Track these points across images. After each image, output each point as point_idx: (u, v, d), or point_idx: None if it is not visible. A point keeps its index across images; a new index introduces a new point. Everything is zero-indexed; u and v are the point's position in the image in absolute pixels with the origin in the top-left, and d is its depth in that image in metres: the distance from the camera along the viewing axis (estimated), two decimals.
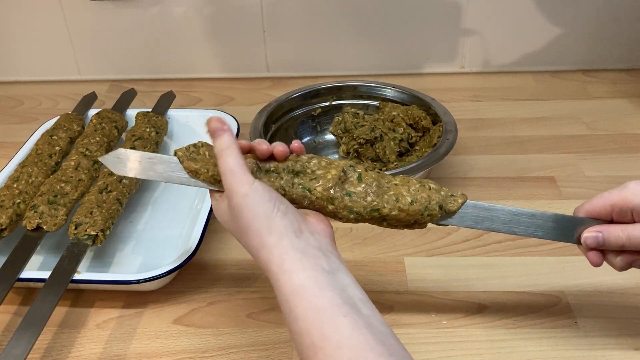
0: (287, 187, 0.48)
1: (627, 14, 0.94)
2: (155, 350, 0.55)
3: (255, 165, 0.48)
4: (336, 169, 0.49)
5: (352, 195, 0.48)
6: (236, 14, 0.96)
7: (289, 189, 0.48)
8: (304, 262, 0.41)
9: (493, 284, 0.61)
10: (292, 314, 0.40)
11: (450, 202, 0.50)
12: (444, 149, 0.69)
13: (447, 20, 0.95)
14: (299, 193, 0.48)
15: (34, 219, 0.61)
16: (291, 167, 0.49)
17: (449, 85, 0.98)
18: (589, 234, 0.47)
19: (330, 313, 0.39)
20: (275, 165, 0.48)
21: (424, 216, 0.49)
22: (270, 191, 0.44)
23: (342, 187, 0.48)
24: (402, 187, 0.49)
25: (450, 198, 0.50)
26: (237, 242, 0.46)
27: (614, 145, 0.81)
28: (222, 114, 0.81)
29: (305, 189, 0.48)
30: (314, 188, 0.48)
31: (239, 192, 0.44)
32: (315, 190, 0.48)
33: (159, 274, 0.57)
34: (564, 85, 0.96)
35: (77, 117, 0.79)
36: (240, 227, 0.44)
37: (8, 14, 0.98)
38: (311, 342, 0.38)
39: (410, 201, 0.48)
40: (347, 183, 0.49)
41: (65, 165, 0.69)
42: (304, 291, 0.40)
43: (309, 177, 0.49)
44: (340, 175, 0.48)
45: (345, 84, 0.84)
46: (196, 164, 0.48)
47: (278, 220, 0.43)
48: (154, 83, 1.00)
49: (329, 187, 0.48)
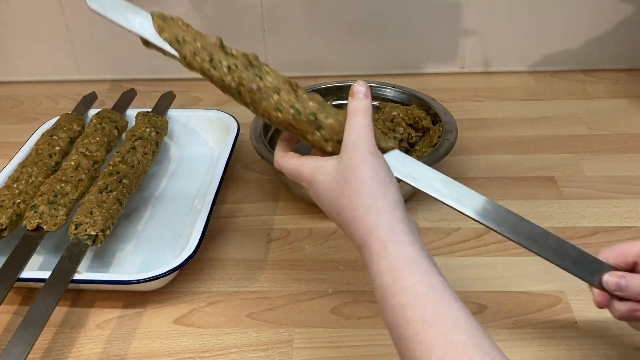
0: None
1: (627, 14, 0.94)
2: (155, 350, 0.55)
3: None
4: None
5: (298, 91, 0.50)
6: (236, 14, 0.96)
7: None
8: (413, 238, 0.41)
9: (493, 284, 0.61)
10: (397, 285, 0.38)
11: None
12: (444, 149, 0.69)
13: (447, 20, 0.95)
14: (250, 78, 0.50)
15: (34, 219, 0.61)
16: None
17: (449, 85, 0.98)
18: (612, 278, 0.47)
19: (444, 293, 0.38)
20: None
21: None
22: (388, 165, 0.45)
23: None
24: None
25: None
26: (237, 242, 0.46)
27: (614, 145, 0.81)
28: (222, 114, 0.81)
29: (257, 76, 0.51)
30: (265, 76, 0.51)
31: (366, 150, 0.44)
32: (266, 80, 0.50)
33: (159, 274, 0.57)
34: (564, 85, 0.96)
35: (77, 117, 0.79)
36: (349, 186, 0.43)
37: (8, 14, 0.98)
38: (422, 316, 0.37)
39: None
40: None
41: (65, 165, 0.69)
42: (418, 265, 0.39)
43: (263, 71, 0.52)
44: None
45: (345, 84, 0.84)
46: (165, 22, 0.52)
47: (394, 190, 0.43)
48: (154, 83, 1.00)
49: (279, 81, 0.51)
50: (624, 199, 0.71)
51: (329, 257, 0.65)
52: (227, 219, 0.71)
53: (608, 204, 0.70)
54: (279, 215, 0.71)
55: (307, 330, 0.57)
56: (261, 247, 0.67)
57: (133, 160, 0.70)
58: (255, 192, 0.75)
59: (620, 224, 0.67)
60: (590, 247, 0.64)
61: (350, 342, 0.55)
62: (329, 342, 0.55)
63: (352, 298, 0.60)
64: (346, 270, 0.63)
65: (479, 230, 0.67)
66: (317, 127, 0.48)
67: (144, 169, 0.72)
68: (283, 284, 0.62)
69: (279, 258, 0.65)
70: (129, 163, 0.70)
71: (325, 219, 0.70)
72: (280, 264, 0.64)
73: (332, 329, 0.57)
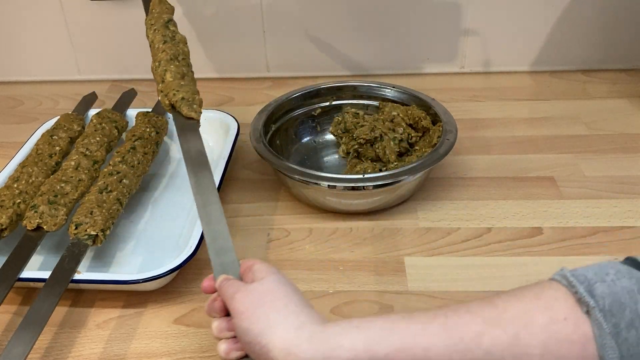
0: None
1: (627, 14, 0.94)
2: (155, 350, 0.56)
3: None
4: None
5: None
6: (236, 14, 0.96)
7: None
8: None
9: (493, 284, 0.61)
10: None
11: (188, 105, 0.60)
12: (444, 149, 0.69)
13: (447, 20, 0.95)
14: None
15: (34, 219, 0.61)
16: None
17: (449, 85, 0.98)
18: (210, 282, 0.47)
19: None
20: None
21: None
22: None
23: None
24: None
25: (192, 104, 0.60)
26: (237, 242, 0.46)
27: (614, 145, 0.81)
28: (222, 114, 0.81)
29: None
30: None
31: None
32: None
33: (159, 274, 0.57)
34: (563, 85, 0.96)
35: (77, 117, 0.79)
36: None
37: (8, 14, 0.98)
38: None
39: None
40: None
41: (66, 165, 0.69)
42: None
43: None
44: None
45: (345, 84, 0.84)
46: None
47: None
48: (154, 83, 1.00)
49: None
50: (624, 199, 0.71)
51: (329, 257, 0.65)
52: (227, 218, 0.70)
53: (608, 204, 0.70)
54: (279, 215, 0.71)
55: None
56: (261, 247, 0.67)
57: (133, 160, 0.70)
58: (255, 192, 0.75)
59: (620, 224, 0.67)
60: (590, 247, 0.64)
61: None
62: None
63: (352, 298, 0.60)
64: (346, 270, 0.63)
65: (479, 230, 0.67)
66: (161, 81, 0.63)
67: (144, 169, 0.72)
68: None
69: (279, 258, 0.65)
70: (129, 163, 0.70)
71: (325, 219, 0.70)
72: (280, 264, 0.64)
73: None
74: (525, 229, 0.67)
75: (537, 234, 0.67)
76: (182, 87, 0.61)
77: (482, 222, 0.69)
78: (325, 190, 0.67)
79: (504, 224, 0.68)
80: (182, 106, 0.59)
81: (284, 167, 0.68)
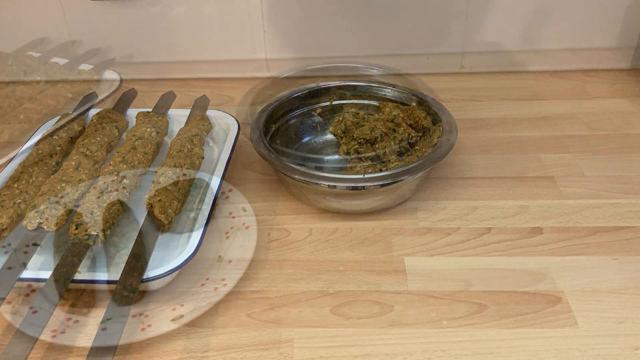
0: None
1: (628, 14, 0.94)
2: (156, 350, 0.56)
3: None
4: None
5: None
6: (236, 14, 0.96)
7: None
8: None
9: (493, 284, 0.61)
10: None
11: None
12: (444, 149, 0.69)
13: (447, 19, 0.95)
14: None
15: (35, 219, 0.61)
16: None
17: (449, 85, 0.98)
18: None
19: None
20: None
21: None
22: None
23: None
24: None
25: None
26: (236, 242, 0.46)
27: (614, 145, 0.81)
28: (222, 113, 0.81)
29: None
30: None
31: None
32: None
33: (159, 274, 0.57)
34: (563, 85, 0.96)
35: (78, 117, 0.79)
36: None
37: (7, 14, 0.98)
38: None
39: None
40: None
41: (66, 165, 0.69)
42: None
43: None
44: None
45: (345, 84, 0.84)
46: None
47: None
48: (154, 83, 1.00)
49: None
50: (624, 199, 0.71)
51: (329, 257, 0.65)
52: (227, 218, 0.71)
53: (607, 204, 0.70)
54: (279, 215, 0.72)
55: (307, 330, 0.57)
56: (261, 247, 0.67)
57: (133, 160, 0.70)
58: (256, 192, 0.76)
59: (620, 224, 0.67)
60: (590, 247, 0.64)
61: (350, 342, 0.55)
62: (329, 342, 0.56)
63: (352, 298, 0.60)
64: (346, 270, 0.63)
65: (479, 230, 0.67)
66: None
67: (144, 169, 0.72)
68: (283, 284, 0.62)
69: (279, 258, 0.65)
70: (130, 163, 0.70)
71: (325, 219, 0.70)
72: (280, 264, 0.65)
73: (332, 329, 0.57)
74: (525, 229, 0.67)
75: (537, 234, 0.67)
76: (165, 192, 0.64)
77: (482, 222, 0.69)
78: (326, 190, 0.67)
79: (504, 224, 0.68)
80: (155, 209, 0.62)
81: (284, 167, 0.68)
